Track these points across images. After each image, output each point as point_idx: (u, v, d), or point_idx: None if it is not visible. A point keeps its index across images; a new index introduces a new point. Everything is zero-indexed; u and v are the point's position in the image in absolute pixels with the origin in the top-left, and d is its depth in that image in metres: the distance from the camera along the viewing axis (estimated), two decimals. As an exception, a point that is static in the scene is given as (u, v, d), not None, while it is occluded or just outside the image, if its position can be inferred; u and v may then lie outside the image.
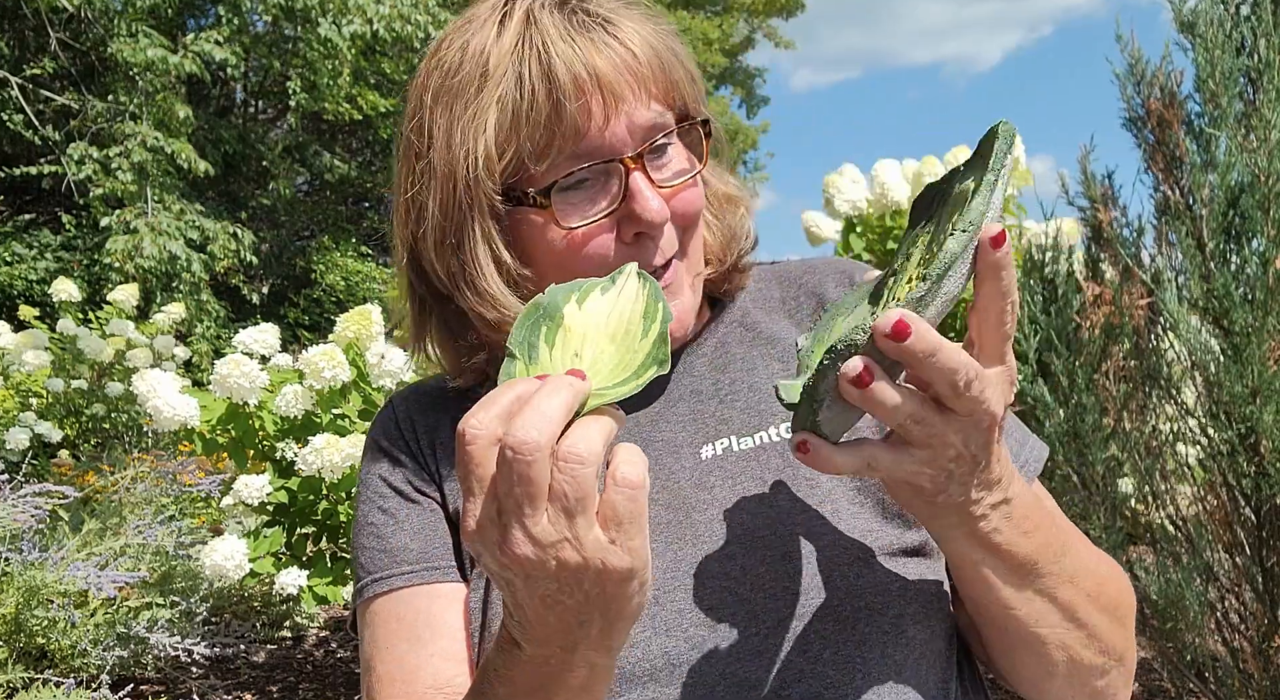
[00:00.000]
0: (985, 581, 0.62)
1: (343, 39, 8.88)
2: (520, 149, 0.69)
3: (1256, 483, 1.81)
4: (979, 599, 0.65)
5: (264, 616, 3.57)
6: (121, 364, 4.95)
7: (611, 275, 0.60)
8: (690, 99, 0.75)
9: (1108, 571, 0.70)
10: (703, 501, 0.72)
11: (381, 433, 0.86)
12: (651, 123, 0.71)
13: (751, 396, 0.78)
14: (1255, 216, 1.80)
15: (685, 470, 0.75)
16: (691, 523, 0.71)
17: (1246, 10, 1.89)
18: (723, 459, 0.74)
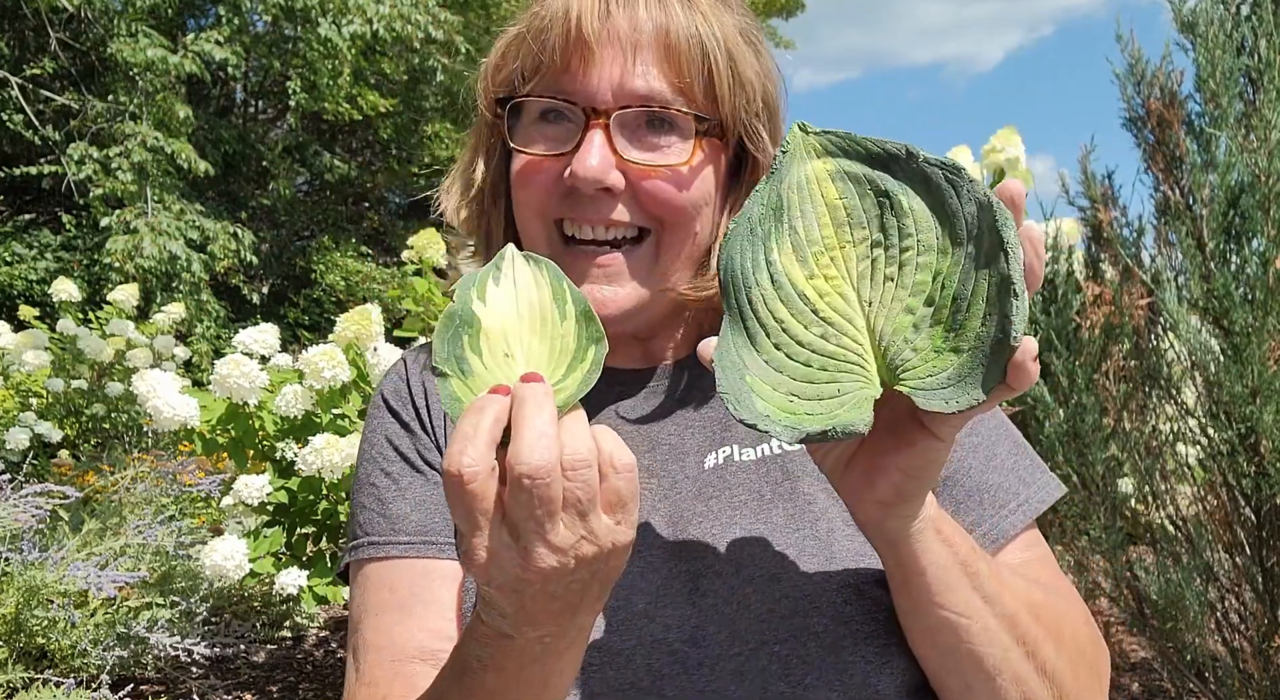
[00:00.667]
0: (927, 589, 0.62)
1: (343, 39, 8.87)
2: (513, 70, 0.74)
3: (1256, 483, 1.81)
4: (924, 613, 0.63)
5: (264, 616, 3.57)
6: (121, 364, 4.95)
7: (494, 261, 0.57)
8: (726, 102, 0.73)
9: (1075, 618, 0.68)
10: (699, 514, 0.72)
11: (392, 392, 0.85)
12: (645, 93, 0.70)
13: None
14: (1255, 216, 1.80)
15: (688, 479, 0.74)
16: (688, 537, 0.71)
17: (1247, 10, 1.89)
18: (724, 469, 0.73)
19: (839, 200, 0.57)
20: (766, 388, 0.54)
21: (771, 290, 0.57)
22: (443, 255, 2.87)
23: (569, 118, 0.72)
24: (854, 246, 0.57)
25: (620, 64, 0.70)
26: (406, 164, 13.05)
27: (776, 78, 0.78)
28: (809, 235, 0.57)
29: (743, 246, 0.57)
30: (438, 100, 12.71)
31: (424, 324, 2.82)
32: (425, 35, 9.14)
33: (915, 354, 0.54)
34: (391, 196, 15.02)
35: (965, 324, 0.52)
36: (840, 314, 0.56)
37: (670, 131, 0.72)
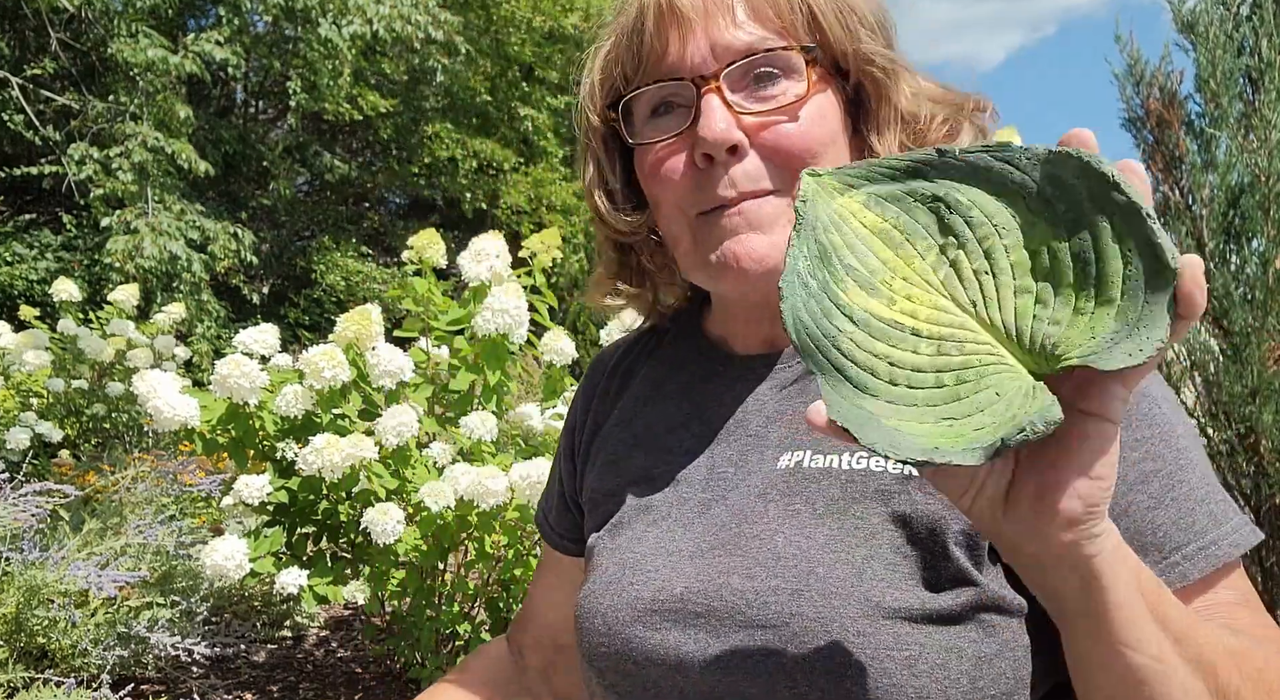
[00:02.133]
0: (1115, 628, 0.53)
1: (343, 39, 8.88)
2: (616, 76, 0.75)
3: (1256, 483, 1.81)
4: (1109, 658, 0.55)
5: (264, 616, 3.58)
6: (122, 364, 4.95)
7: None
8: (833, 32, 0.72)
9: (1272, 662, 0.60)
10: (756, 513, 0.71)
11: (587, 383, 0.95)
12: (746, 45, 0.70)
13: None
14: (1255, 217, 1.80)
15: (760, 473, 0.74)
16: (740, 535, 0.71)
17: (1247, 10, 1.89)
18: (791, 473, 0.71)
19: (883, 223, 0.54)
20: (913, 423, 0.49)
21: (858, 330, 0.52)
22: (442, 255, 2.88)
23: (680, 103, 0.72)
24: (921, 259, 0.53)
25: (715, 27, 0.70)
26: (406, 164, 13.05)
27: (884, 3, 0.76)
28: (869, 266, 0.53)
29: (804, 304, 0.53)
30: (438, 100, 12.71)
31: (423, 324, 2.82)
32: (425, 35, 9.14)
33: (1060, 326, 0.48)
34: (391, 196, 15.03)
35: (1105, 273, 0.47)
36: (947, 325, 0.51)
37: (781, 77, 0.71)
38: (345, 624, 3.83)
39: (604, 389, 0.91)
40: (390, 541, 2.37)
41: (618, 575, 0.75)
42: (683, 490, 0.77)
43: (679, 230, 0.75)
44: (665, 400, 0.84)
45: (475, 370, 2.66)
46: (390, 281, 11.34)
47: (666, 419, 0.83)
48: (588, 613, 0.76)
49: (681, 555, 0.72)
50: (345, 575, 2.63)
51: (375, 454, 2.44)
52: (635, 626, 0.71)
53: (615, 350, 0.95)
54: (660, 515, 0.77)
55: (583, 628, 0.76)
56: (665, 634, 0.69)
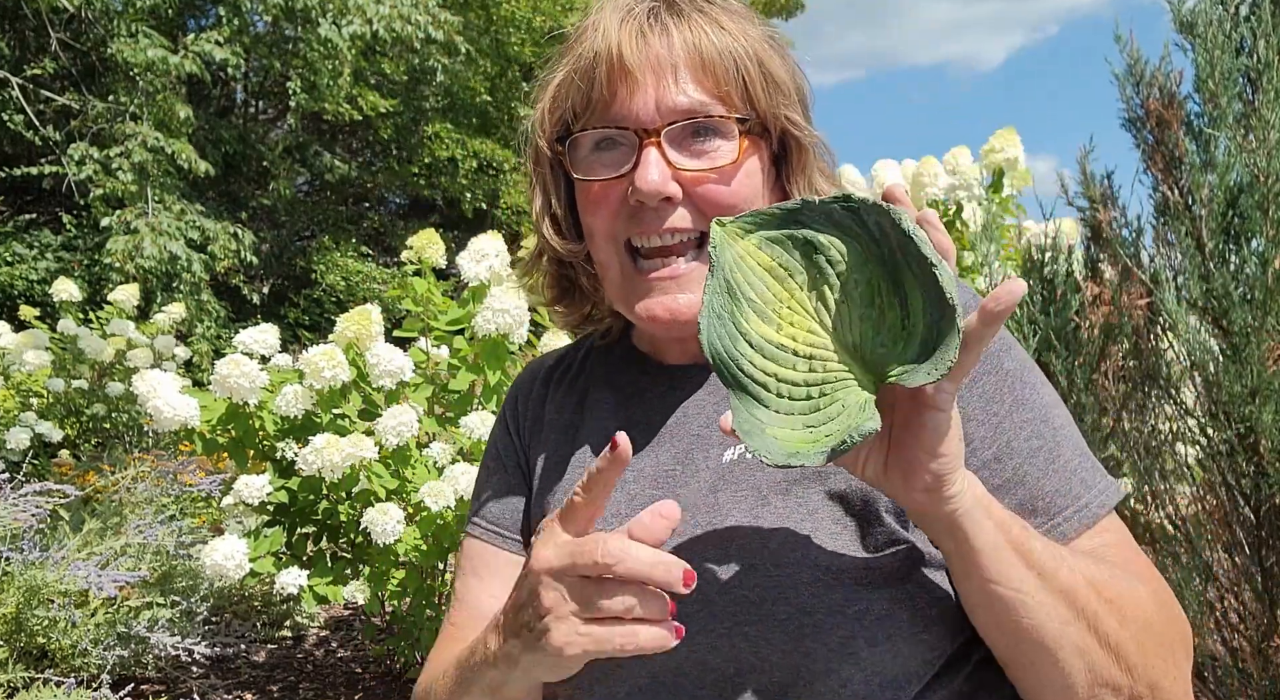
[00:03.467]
0: (981, 568, 0.66)
1: (343, 39, 8.88)
2: (565, 109, 0.82)
3: (1256, 482, 1.82)
4: (982, 593, 0.67)
5: (264, 616, 3.58)
6: (122, 364, 4.95)
7: None
8: (762, 103, 0.80)
9: (1139, 593, 0.71)
10: (707, 505, 0.78)
11: (516, 399, 1.00)
12: (687, 107, 0.78)
13: None
14: (1254, 217, 1.80)
15: (708, 470, 0.81)
16: (692, 522, 0.78)
17: (1246, 11, 1.89)
18: (736, 464, 0.80)
19: (771, 262, 0.66)
20: (785, 431, 0.61)
21: (754, 353, 0.64)
22: (441, 255, 2.88)
23: (623, 142, 0.79)
24: (800, 290, 0.65)
25: (662, 85, 0.77)
26: (406, 164, 13.05)
27: (803, 76, 0.85)
28: (763, 297, 0.65)
29: (715, 330, 0.64)
30: (438, 100, 12.71)
31: (423, 324, 2.82)
32: (425, 35, 9.14)
33: (886, 348, 0.62)
34: (391, 196, 15.02)
35: (911, 307, 0.61)
36: (816, 346, 0.64)
37: (715, 136, 0.79)
38: (345, 624, 3.84)
39: (536, 403, 0.97)
40: (390, 541, 2.37)
41: None
42: (631, 489, 0.83)
43: (608, 258, 0.83)
44: (603, 412, 0.91)
45: (475, 370, 2.66)
46: (390, 281, 11.35)
47: (606, 426, 0.89)
48: None
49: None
50: (345, 575, 2.64)
51: (375, 454, 2.44)
52: None
53: (540, 367, 1.01)
54: (611, 513, 0.82)
55: None
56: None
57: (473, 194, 12.65)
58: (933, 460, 0.62)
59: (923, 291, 0.59)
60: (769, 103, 0.80)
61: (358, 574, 2.65)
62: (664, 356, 0.91)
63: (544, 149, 0.85)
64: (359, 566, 2.67)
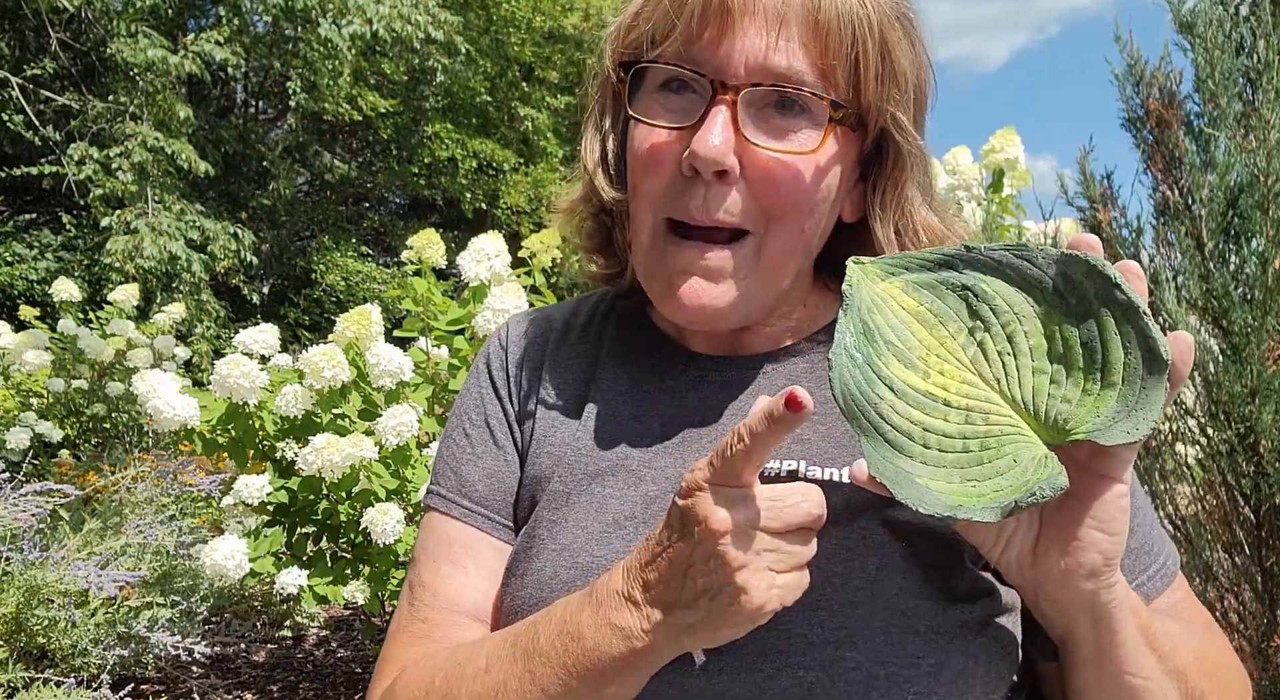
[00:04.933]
0: (1120, 660, 0.62)
1: (343, 39, 8.87)
2: (644, 31, 0.68)
3: (1255, 482, 1.82)
4: (1114, 683, 0.63)
5: (264, 616, 3.58)
6: (122, 364, 4.95)
7: None
8: (868, 90, 0.67)
9: (1228, 661, 0.71)
10: None
11: (494, 354, 0.85)
12: (781, 71, 0.65)
13: (839, 426, 0.71)
14: (1254, 217, 1.80)
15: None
16: None
17: (1245, 11, 1.89)
18: (786, 481, 0.68)
19: (919, 307, 0.61)
20: (941, 483, 0.56)
21: (896, 399, 0.58)
22: (441, 255, 2.88)
23: (694, 89, 0.67)
24: (953, 339, 0.60)
25: (761, 37, 0.64)
26: (406, 164, 13.05)
27: (930, 73, 0.72)
28: (907, 343, 0.60)
29: (850, 373, 0.59)
30: (438, 100, 12.71)
31: (423, 324, 2.82)
32: (425, 35, 9.14)
33: (1070, 404, 0.56)
34: (391, 196, 15.02)
35: (1108, 360, 0.55)
36: (974, 398, 0.58)
37: (801, 115, 0.66)
38: (345, 624, 3.84)
39: (534, 365, 0.83)
40: (390, 541, 2.37)
41: (574, 579, 0.69)
42: (647, 488, 0.72)
43: (644, 224, 0.71)
44: (618, 386, 0.79)
45: (475, 370, 2.66)
46: (390, 281, 11.34)
47: (621, 407, 0.77)
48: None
49: None
50: (345, 575, 2.63)
51: (375, 454, 2.44)
52: None
53: (536, 323, 0.86)
54: (623, 513, 0.71)
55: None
56: None
57: (473, 194, 12.65)
58: (1108, 540, 0.56)
59: (1125, 343, 0.55)
60: (877, 93, 0.67)
61: (358, 574, 2.65)
62: (689, 342, 0.79)
63: (609, 70, 0.73)
64: (359, 566, 2.67)
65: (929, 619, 0.63)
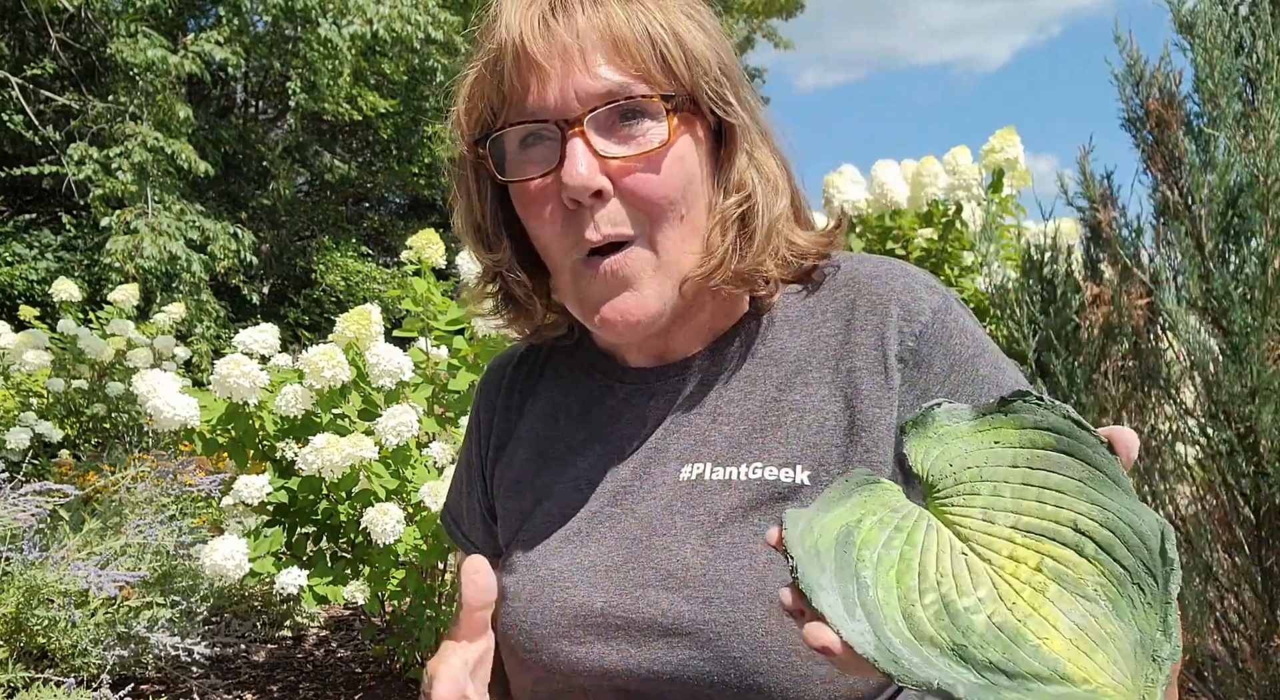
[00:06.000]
0: None
1: (343, 39, 8.88)
2: (482, 110, 0.76)
3: (1255, 482, 1.82)
4: None
5: (264, 616, 3.58)
6: (122, 364, 4.95)
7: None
8: (685, 79, 0.73)
9: None
10: (664, 525, 0.76)
11: (483, 394, 0.96)
12: (605, 91, 0.71)
13: (739, 425, 0.77)
14: (1254, 216, 1.80)
15: (666, 486, 0.78)
16: (651, 547, 0.76)
17: (1245, 11, 1.89)
18: (694, 485, 0.76)
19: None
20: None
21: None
22: (441, 255, 2.88)
23: (548, 136, 0.73)
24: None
25: (574, 71, 0.71)
26: (406, 164, 13.05)
27: (729, 47, 0.78)
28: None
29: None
30: (438, 100, 12.70)
31: (423, 324, 2.82)
32: (425, 36, 9.14)
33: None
34: (391, 196, 15.03)
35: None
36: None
37: (645, 117, 0.72)
38: (345, 624, 3.84)
39: (503, 405, 0.93)
40: (390, 541, 2.38)
41: (536, 592, 0.78)
42: (591, 506, 0.80)
43: (561, 267, 0.77)
44: (565, 420, 0.87)
45: (475, 370, 2.66)
46: (390, 281, 11.35)
47: (568, 438, 0.86)
48: (512, 628, 0.79)
49: (597, 570, 0.77)
50: (345, 575, 2.64)
51: (375, 454, 2.44)
52: (561, 641, 0.76)
53: (506, 365, 0.96)
54: (572, 530, 0.80)
55: (511, 642, 0.79)
56: (590, 647, 0.74)
57: (473, 194, 12.63)
58: None
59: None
60: (690, 77, 0.73)
61: (358, 574, 2.65)
62: (625, 356, 0.86)
63: (465, 153, 0.80)
64: (359, 566, 2.67)
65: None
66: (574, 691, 0.76)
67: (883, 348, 0.74)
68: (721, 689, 0.69)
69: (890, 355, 0.74)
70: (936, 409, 0.56)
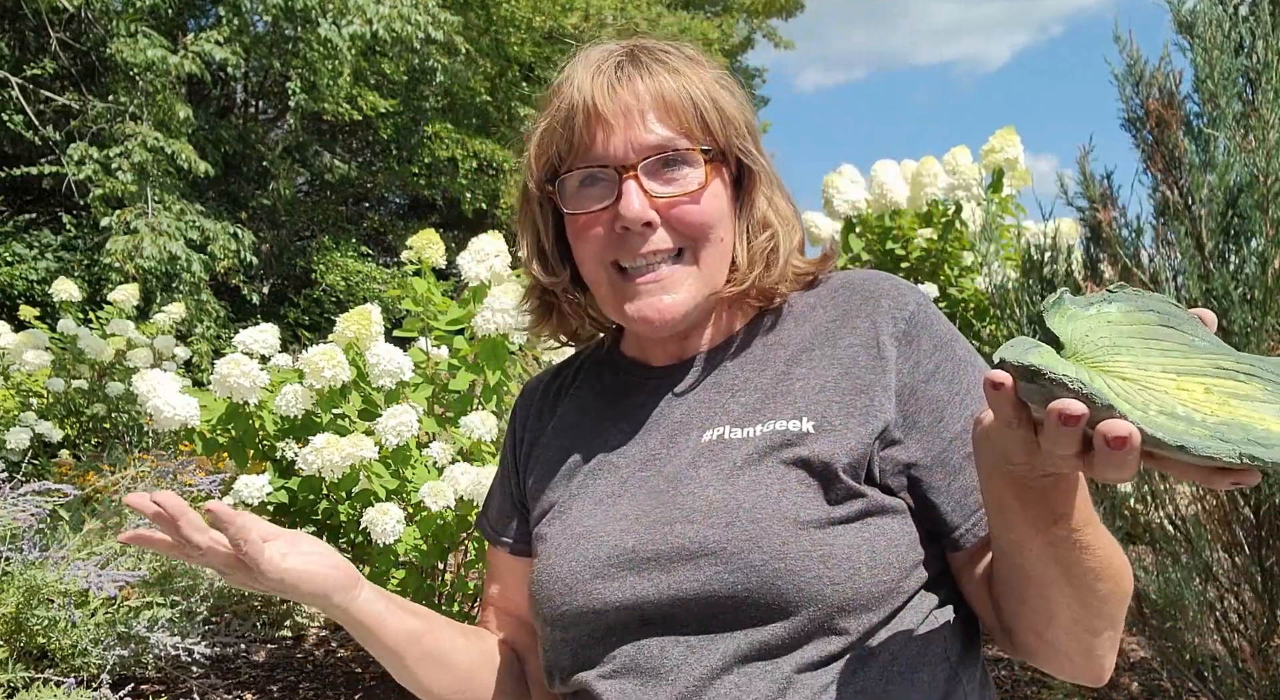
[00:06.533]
0: (1042, 531, 0.73)
1: (343, 39, 8.88)
2: (551, 155, 0.94)
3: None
4: (1023, 546, 0.76)
5: (264, 616, 3.58)
6: (122, 364, 4.95)
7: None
8: (719, 135, 0.93)
9: (1114, 544, 0.83)
10: (688, 477, 0.90)
11: (519, 407, 1.12)
12: (656, 143, 0.90)
13: (754, 395, 0.93)
14: (1254, 216, 1.80)
15: (688, 448, 0.92)
16: (677, 494, 0.89)
17: (1245, 11, 1.89)
18: (715, 444, 0.91)
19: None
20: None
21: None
22: (441, 255, 2.88)
23: (604, 178, 0.91)
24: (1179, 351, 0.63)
25: (632, 127, 0.90)
26: (406, 164, 13.05)
27: (751, 108, 0.98)
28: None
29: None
30: (438, 100, 12.71)
31: (423, 324, 2.82)
32: (425, 36, 9.14)
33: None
34: (391, 196, 15.03)
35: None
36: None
37: (684, 165, 0.91)
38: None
39: (536, 410, 1.09)
40: (390, 541, 2.37)
41: (571, 545, 0.92)
42: (622, 473, 0.95)
43: (598, 277, 0.95)
44: (596, 411, 1.03)
45: (475, 370, 2.66)
46: (390, 281, 11.35)
47: (599, 425, 1.01)
48: (547, 579, 0.92)
49: (628, 519, 0.90)
50: (345, 575, 2.63)
51: (375, 454, 2.44)
52: (595, 581, 0.88)
53: (543, 378, 1.13)
54: (605, 494, 0.94)
55: (543, 595, 0.92)
56: (622, 581, 0.87)
57: (473, 194, 12.65)
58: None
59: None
60: (724, 135, 0.93)
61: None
62: (650, 359, 1.02)
63: (533, 190, 0.98)
64: (359, 566, 2.67)
65: (815, 520, 0.83)
66: (600, 631, 0.88)
67: (875, 330, 0.91)
68: (745, 596, 0.82)
69: (883, 334, 0.90)
70: (1064, 296, 0.65)
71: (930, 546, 0.88)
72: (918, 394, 0.88)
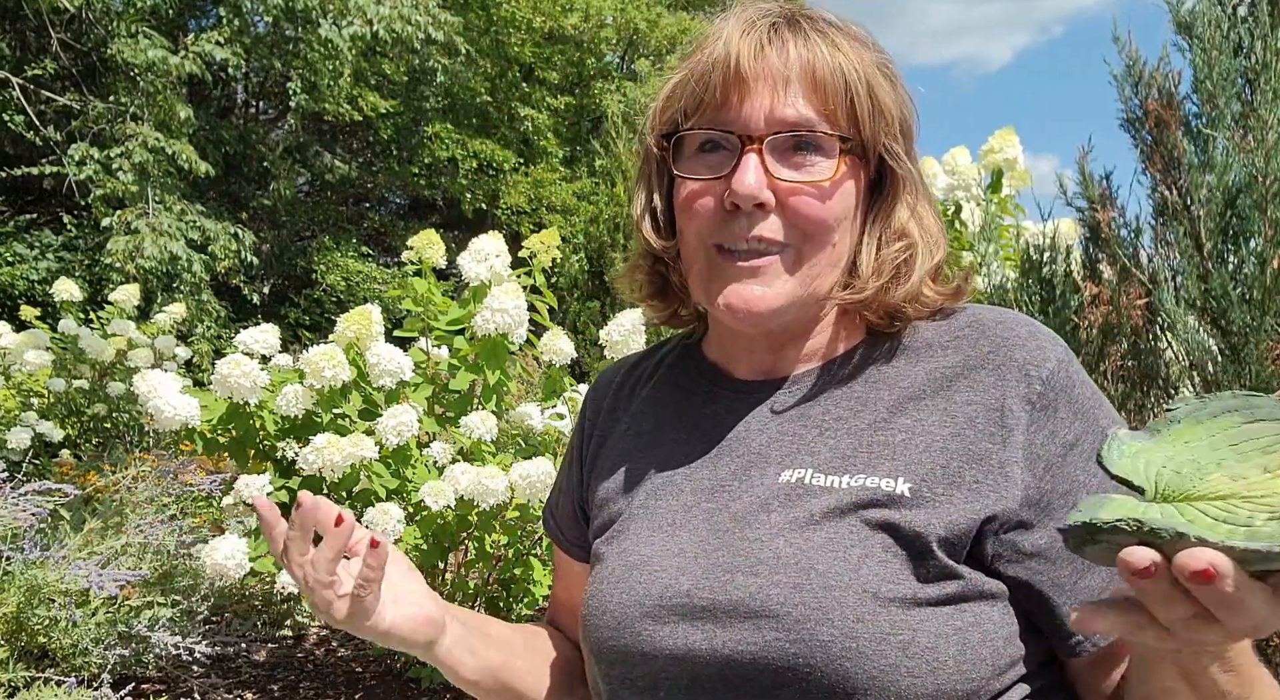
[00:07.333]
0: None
1: (343, 40, 8.88)
2: (678, 108, 0.83)
3: (1253, 482, 1.82)
4: (1173, 694, 0.66)
5: (265, 615, 3.58)
6: (123, 364, 4.96)
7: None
8: (866, 127, 0.81)
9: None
10: (759, 520, 0.79)
11: (591, 399, 1.03)
12: (794, 120, 0.79)
13: (845, 439, 0.80)
14: (1252, 217, 1.81)
15: (763, 486, 0.81)
16: (743, 538, 0.78)
17: (1244, 11, 1.90)
18: (794, 488, 0.79)
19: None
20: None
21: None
22: (442, 255, 2.88)
23: (725, 146, 0.81)
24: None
25: (772, 95, 0.79)
26: (406, 164, 13.07)
27: (911, 107, 0.85)
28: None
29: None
30: (438, 101, 12.72)
31: (424, 324, 2.83)
32: (425, 36, 9.15)
33: None
34: (392, 196, 15.04)
35: None
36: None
37: (815, 152, 0.80)
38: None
39: (609, 404, 0.99)
40: (390, 541, 2.38)
41: (624, 574, 0.82)
42: (686, 498, 0.84)
43: (695, 256, 0.84)
44: (668, 417, 0.92)
45: (475, 370, 2.67)
46: (390, 281, 11.35)
47: (670, 434, 0.91)
48: (596, 610, 0.83)
49: (686, 556, 0.80)
50: (345, 574, 2.64)
51: (375, 454, 2.45)
52: (644, 621, 0.78)
53: (619, 369, 1.04)
54: (665, 520, 0.84)
55: (591, 624, 0.83)
56: (674, 627, 0.77)
57: (473, 194, 12.66)
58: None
59: None
60: (872, 127, 0.81)
61: (358, 573, 2.65)
62: (734, 368, 0.90)
63: (651, 145, 0.87)
64: (359, 566, 2.67)
65: (899, 598, 0.71)
66: (648, 678, 0.79)
67: (1002, 389, 0.77)
68: (806, 672, 0.71)
69: (1010, 396, 0.76)
70: (1119, 435, 0.58)
71: (1031, 641, 0.75)
72: (1053, 471, 0.74)
